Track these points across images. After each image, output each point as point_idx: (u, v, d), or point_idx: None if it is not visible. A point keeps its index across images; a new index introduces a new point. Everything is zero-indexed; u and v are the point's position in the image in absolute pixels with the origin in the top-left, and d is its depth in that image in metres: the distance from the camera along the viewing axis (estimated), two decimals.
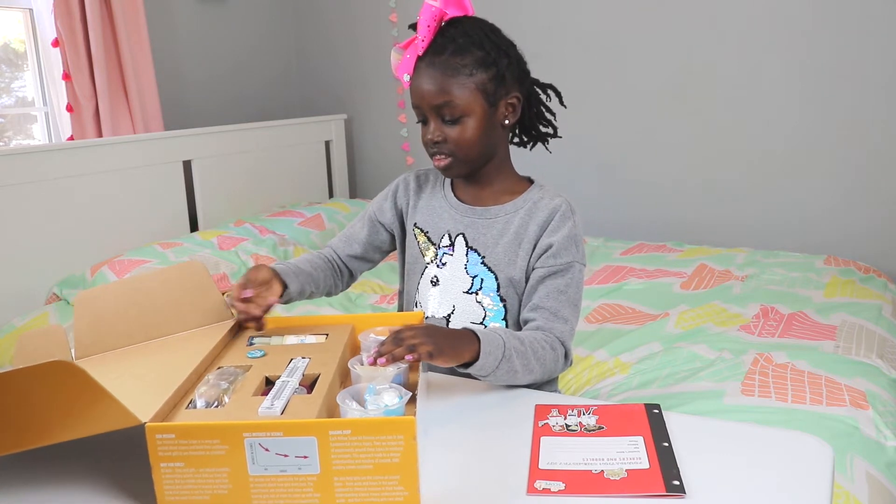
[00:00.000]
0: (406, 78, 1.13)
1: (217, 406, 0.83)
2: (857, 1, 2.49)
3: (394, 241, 1.30)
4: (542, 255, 1.13)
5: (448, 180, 1.24)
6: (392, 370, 0.89)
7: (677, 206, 2.92)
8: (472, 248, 1.17)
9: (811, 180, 2.67)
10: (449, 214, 1.20)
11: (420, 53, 1.11)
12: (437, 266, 1.19)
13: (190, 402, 0.83)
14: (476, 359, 0.96)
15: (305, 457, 0.72)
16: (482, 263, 1.16)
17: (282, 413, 0.79)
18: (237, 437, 0.72)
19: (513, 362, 1.00)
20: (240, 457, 0.72)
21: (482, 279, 1.16)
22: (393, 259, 1.43)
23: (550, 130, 1.24)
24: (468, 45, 1.09)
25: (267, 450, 0.72)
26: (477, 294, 1.16)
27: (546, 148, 1.25)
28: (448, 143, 1.11)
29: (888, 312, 2.00)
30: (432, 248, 1.21)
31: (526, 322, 1.13)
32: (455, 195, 1.22)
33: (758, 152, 2.74)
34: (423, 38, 1.09)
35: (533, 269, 1.14)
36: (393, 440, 0.71)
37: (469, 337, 0.97)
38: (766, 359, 1.65)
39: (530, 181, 1.22)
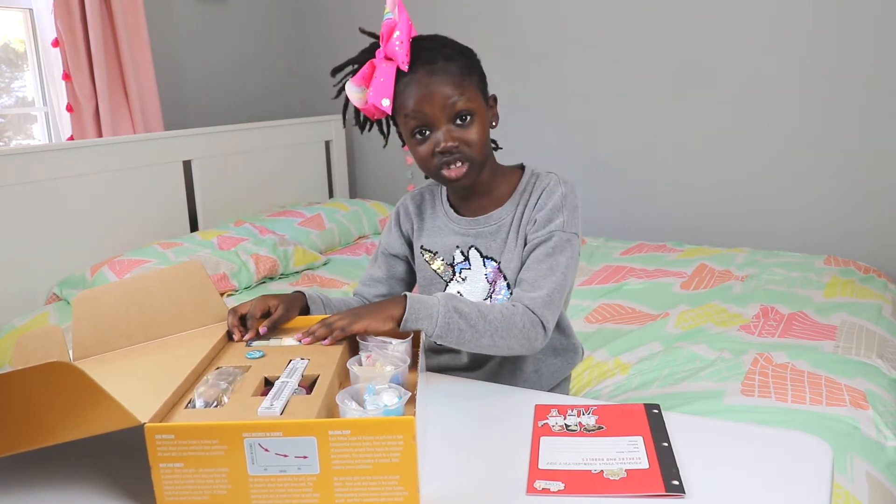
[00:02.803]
0: (385, 102, 1.09)
1: (216, 406, 0.83)
2: (857, 1, 2.49)
3: (412, 268, 1.30)
4: (529, 230, 1.14)
5: (444, 198, 1.24)
6: (390, 370, 0.89)
7: (677, 207, 2.92)
8: (487, 258, 1.18)
9: (811, 180, 2.67)
10: (454, 231, 1.21)
11: (405, 69, 1.09)
12: (458, 282, 1.20)
13: (189, 402, 0.83)
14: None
15: (305, 457, 0.72)
16: (499, 269, 1.17)
17: (281, 413, 0.79)
18: (236, 437, 0.72)
19: (453, 320, 1.01)
20: (239, 457, 0.72)
21: (496, 282, 1.18)
22: None
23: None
24: (453, 53, 1.11)
25: (266, 450, 0.72)
26: (490, 298, 1.18)
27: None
28: (466, 147, 1.10)
29: (888, 312, 2.00)
30: (448, 268, 1.21)
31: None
32: (455, 211, 1.22)
33: (758, 152, 2.74)
34: (404, 52, 1.08)
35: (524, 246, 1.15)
36: (392, 440, 0.71)
37: (398, 299, 1.02)
38: (766, 359, 1.65)
39: (521, 168, 1.22)
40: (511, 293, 1.16)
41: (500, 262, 1.17)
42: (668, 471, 0.80)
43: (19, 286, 2.20)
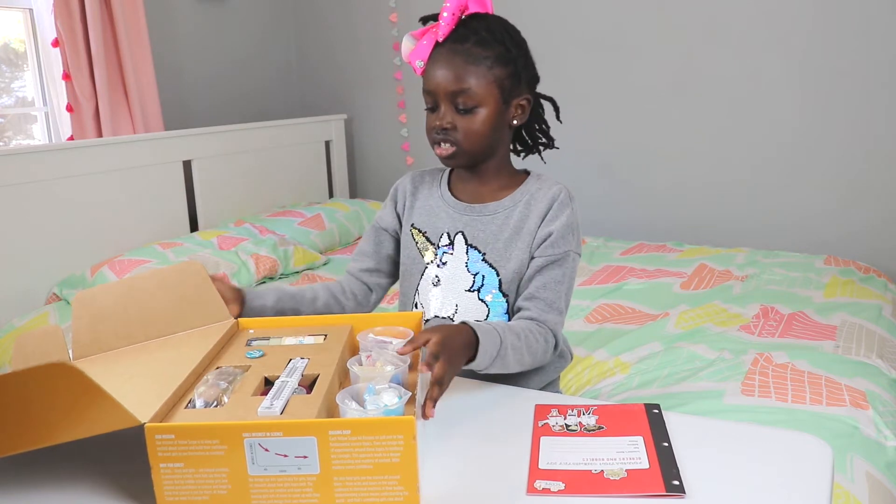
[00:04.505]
0: (419, 64, 1.13)
1: (216, 406, 0.83)
2: (857, 1, 2.49)
3: (399, 247, 1.29)
4: (542, 244, 1.14)
5: (445, 180, 1.24)
6: (390, 370, 0.89)
7: (677, 207, 2.92)
8: (471, 246, 1.17)
9: (811, 180, 2.67)
10: (446, 213, 1.20)
11: (440, 40, 1.11)
12: (438, 266, 1.19)
13: (189, 402, 0.83)
14: (473, 358, 0.98)
15: (305, 457, 0.72)
16: (483, 260, 1.16)
17: (281, 413, 0.79)
18: (237, 437, 0.72)
19: (507, 358, 1.02)
20: (239, 457, 0.72)
21: (483, 276, 1.16)
22: None
23: (547, 141, 1.24)
24: (491, 39, 1.10)
25: (266, 450, 0.72)
26: (479, 291, 1.16)
27: (541, 157, 1.25)
28: (457, 132, 1.11)
29: (888, 312, 2.00)
30: (431, 248, 1.20)
31: (519, 310, 1.14)
32: (452, 194, 1.22)
33: (758, 152, 2.74)
34: (446, 24, 1.10)
35: (532, 258, 1.14)
36: (392, 440, 0.71)
37: (471, 342, 0.98)
38: (766, 359, 1.65)
39: (526, 173, 1.22)
40: (504, 296, 1.15)
41: (485, 253, 1.16)
42: (668, 471, 0.79)
43: (19, 286, 2.20)
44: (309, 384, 0.88)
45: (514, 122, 1.16)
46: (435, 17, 1.14)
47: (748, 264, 2.44)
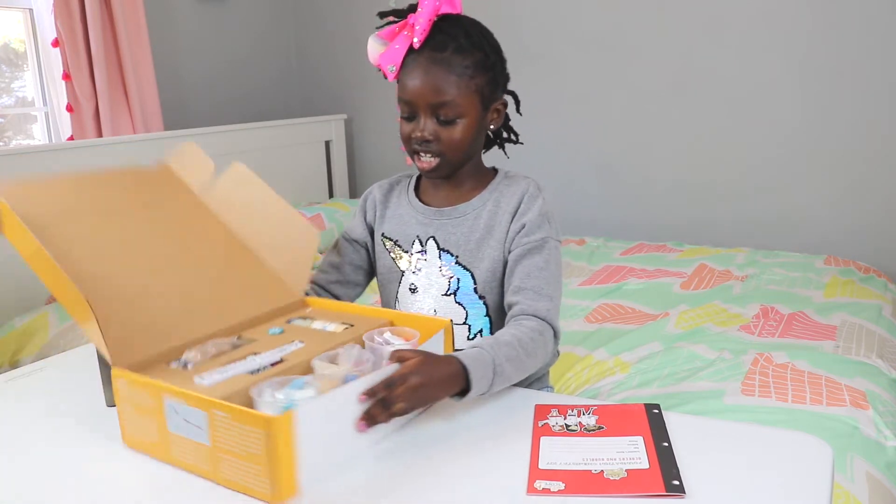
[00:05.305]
0: (391, 69, 1.09)
1: (190, 367, 0.90)
2: (857, 1, 2.49)
3: (369, 257, 1.27)
4: (516, 235, 1.11)
5: (412, 187, 1.22)
6: (344, 370, 0.88)
7: (677, 206, 2.92)
8: (443, 250, 1.15)
9: (811, 180, 2.67)
10: (416, 220, 1.18)
11: (416, 47, 1.07)
12: (413, 272, 1.18)
13: (177, 360, 0.91)
14: (468, 389, 0.91)
15: (199, 427, 0.78)
16: (457, 263, 1.15)
17: (211, 385, 0.84)
18: (158, 396, 0.81)
19: (506, 374, 0.96)
20: (161, 413, 0.81)
21: (458, 279, 1.14)
22: None
23: (509, 137, 1.23)
24: (470, 45, 1.08)
25: (177, 413, 0.80)
26: (455, 295, 1.15)
27: (504, 153, 1.24)
28: (439, 143, 1.09)
29: (888, 312, 2.00)
30: (405, 256, 1.19)
31: (510, 306, 1.09)
32: (420, 200, 1.20)
33: (758, 152, 2.74)
34: (422, 30, 1.06)
35: (509, 252, 1.12)
36: (254, 433, 0.73)
37: (456, 372, 0.90)
38: (767, 359, 1.65)
39: (494, 171, 1.20)
40: (480, 298, 1.14)
41: (457, 256, 1.14)
42: (668, 471, 0.79)
43: (19, 286, 2.20)
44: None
45: (492, 126, 1.15)
46: (398, 14, 1.11)
47: (748, 264, 2.44)
